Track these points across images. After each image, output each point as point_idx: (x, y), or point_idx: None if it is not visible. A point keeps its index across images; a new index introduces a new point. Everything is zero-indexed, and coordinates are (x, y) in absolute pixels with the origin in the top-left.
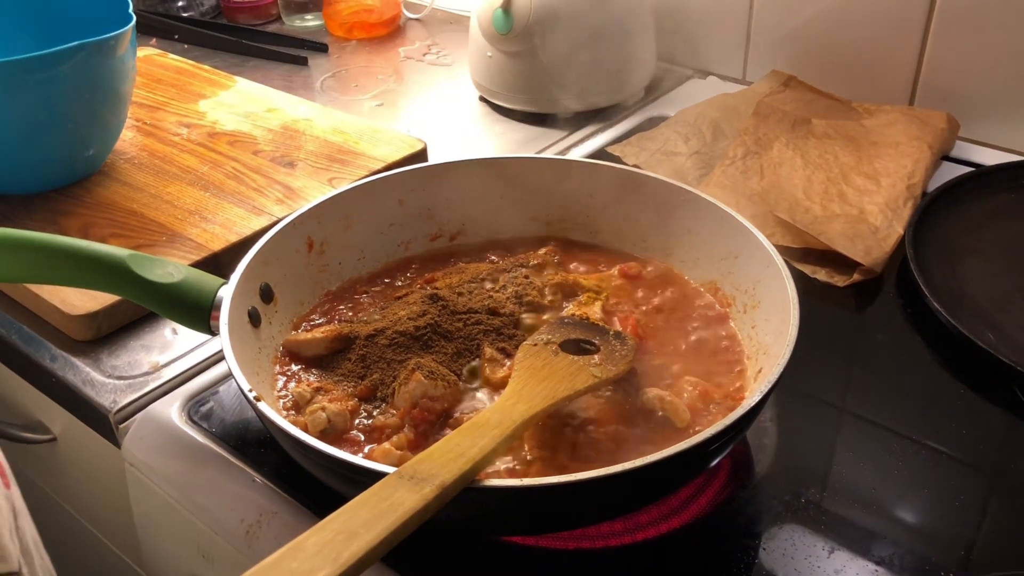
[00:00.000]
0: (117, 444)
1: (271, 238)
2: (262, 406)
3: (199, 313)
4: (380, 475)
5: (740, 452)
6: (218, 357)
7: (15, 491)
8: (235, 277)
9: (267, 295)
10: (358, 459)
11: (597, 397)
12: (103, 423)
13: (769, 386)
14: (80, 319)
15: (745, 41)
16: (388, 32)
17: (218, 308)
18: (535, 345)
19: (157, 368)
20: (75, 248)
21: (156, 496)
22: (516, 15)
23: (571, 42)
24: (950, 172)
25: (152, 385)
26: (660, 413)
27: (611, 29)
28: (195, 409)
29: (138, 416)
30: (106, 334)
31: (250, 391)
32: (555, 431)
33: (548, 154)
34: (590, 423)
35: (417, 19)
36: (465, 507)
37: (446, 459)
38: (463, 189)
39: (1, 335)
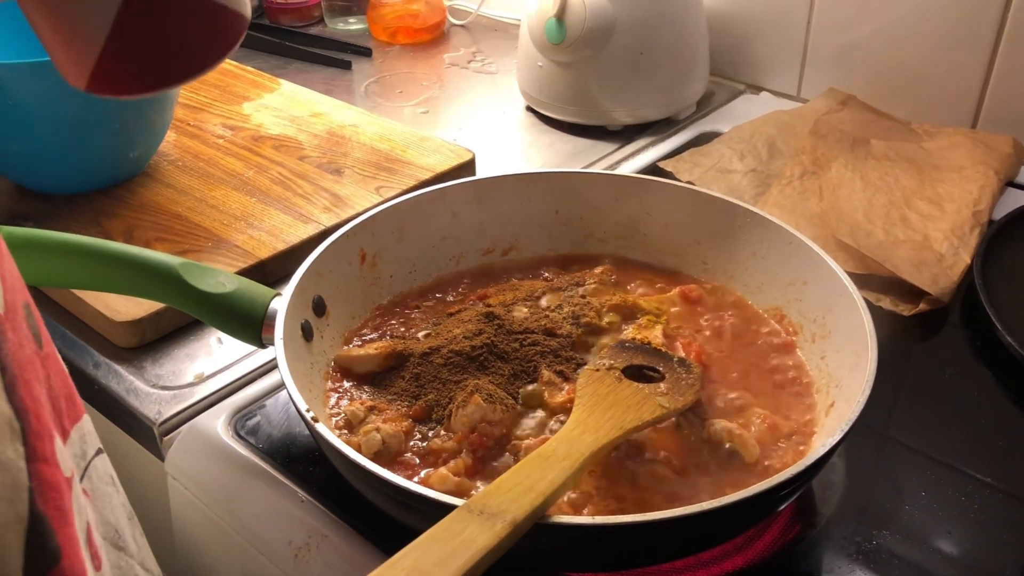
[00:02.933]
0: (160, 457)
1: (324, 249)
2: (320, 428)
3: (250, 325)
4: (446, 507)
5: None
6: (264, 369)
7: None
8: (289, 289)
9: (320, 308)
10: (427, 491)
11: (659, 426)
12: (146, 434)
13: (850, 425)
14: (124, 326)
15: (801, 57)
16: (432, 38)
17: (271, 320)
18: (597, 370)
19: (202, 379)
20: (125, 254)
21: (199, 512)
22: (570, 25)
23: (625, 54)
24: (1015, 199)
25: (197, 396)
26: (727, 446)
27: (666, 41)
28: (241, 423)
29: (183, 428)
30: (150, 341)
31: (307, 411)
32: (614, 461)
33: (598, 168)
34: (651, 453)
35: (462, 25)
36: (533, 543)
37: (515, 493)
38: (518, 203)
39: None
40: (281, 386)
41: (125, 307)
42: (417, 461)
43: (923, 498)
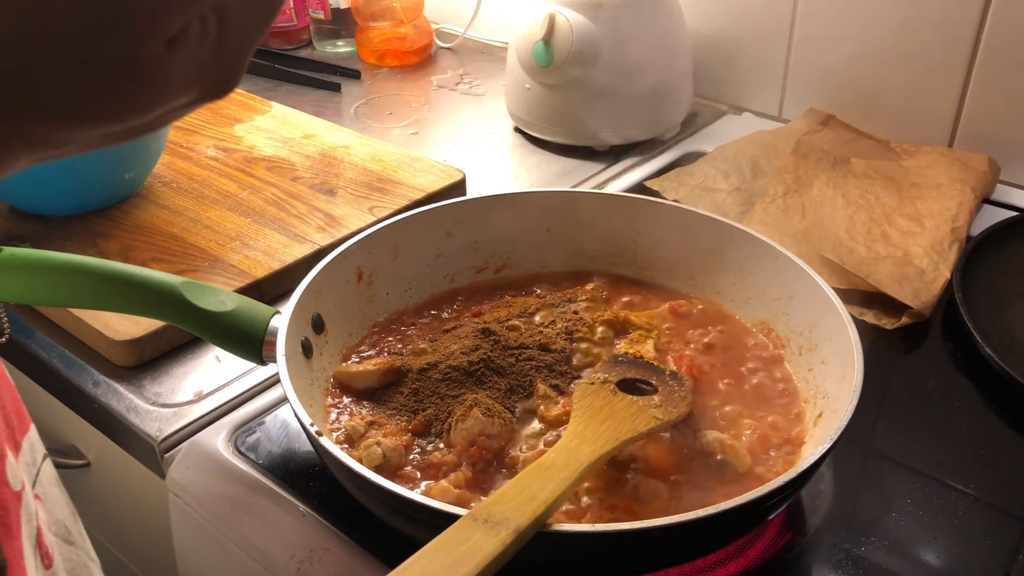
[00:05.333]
0: (161, 474)
1: (322, 268)
2: (325, 442)
3: (251, 343)
4: (450, 517)
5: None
6: (263, 386)
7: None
8: (289, 307)
9: (319, 326)
10: (433, 502)
11: (653, 438)
12: (147, 452)
13: (837, 435)
14: (123, 344)
15: (782, 78)
16: (420, 60)
17: (271, 338)
18: (592, 384)
19: (201, 396)
20: (127, 274)
21: (201, 528)
22: (557, 48)
23: (611, 76)
24: (991, 215)
25: (197, 413)
26: (719, 457)
27: (651, 64)
28: (241, 439)
29: (184, 445)
30: (149, 360)
31: (311, 425)
32: (609, 471)
33: (585, 187)
34: (646, 464)
35: (449, 48)
36: (535, 551)
37: (518, 502)
38: (510, 222)
39: (42, 359)
40: (280, 402)
41: (124, 326)
42: (417, 474)
43: (908, 506)
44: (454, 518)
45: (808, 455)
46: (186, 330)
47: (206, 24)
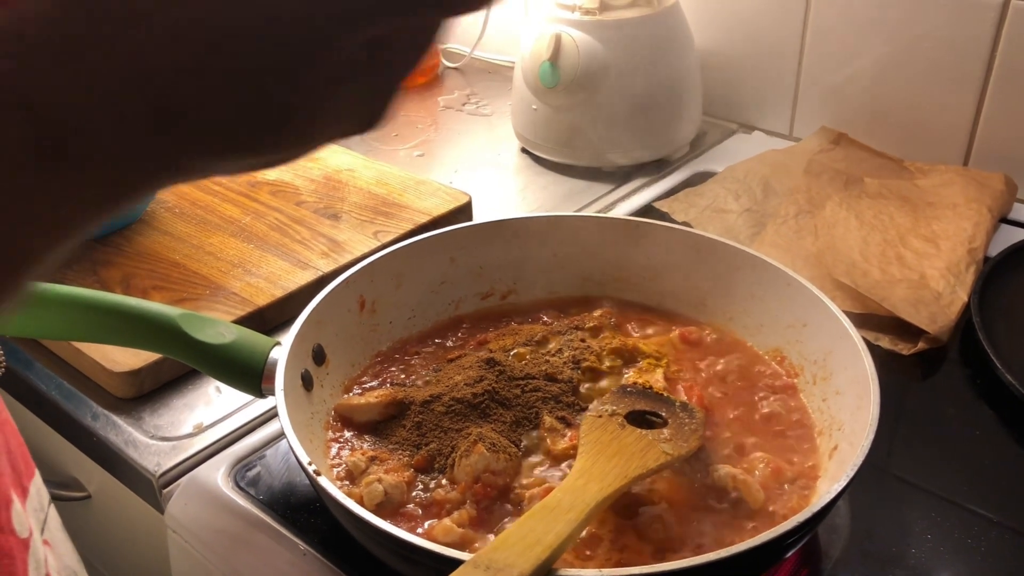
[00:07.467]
0: (160, 509)
1: (323, 298)
2: (323, 481)
3: (250, 376)
4: (452, 562)
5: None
6: (264, 418)
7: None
8: (288, 339)
9: (319, 357)
10: (433, 545)
11: (663, 473)
12: (146, 486)
13: (855, 471)
14: (123, 376)
15: (793, 96)
16: (426, 81)
17: (271, 371)
18: (599, 417)
19: (201, 429)
20: (125, 307)
21: (200, 566)
22: (563, 69)
23: (618, 97)
24: (1009, 235)
25: (196, 447)
26: (733, 492)
27: (659, 84)
28: (241, 474)
29: (182, 480)
30: (148, 392)
31: (309, 464)
32: (619, 508)
33: (594, 208)
34: (656, 500)
35: (455, 68)
36: None
37: (521, 547)
38: (516, 247)
39: (41, 391)
40: (281, 435)
41: (123, 358)
42: (420, 512)
43: (928, 540)
44: (456, 563)
45: (824, 492)
46: (184, 363)
47: (364, 58)
